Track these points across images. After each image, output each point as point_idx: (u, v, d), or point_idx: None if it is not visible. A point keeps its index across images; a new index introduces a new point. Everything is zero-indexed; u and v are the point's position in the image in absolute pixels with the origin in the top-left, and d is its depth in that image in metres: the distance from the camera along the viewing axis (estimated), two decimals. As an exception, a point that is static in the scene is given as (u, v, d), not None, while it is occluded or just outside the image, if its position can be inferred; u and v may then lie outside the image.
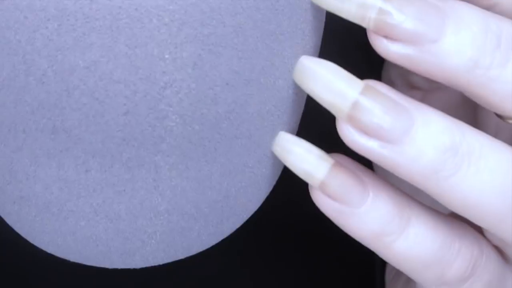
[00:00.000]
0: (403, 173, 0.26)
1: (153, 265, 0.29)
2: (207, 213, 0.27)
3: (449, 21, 0.26)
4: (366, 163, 0.29)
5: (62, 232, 0.27)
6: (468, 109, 0.33)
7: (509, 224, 0.27)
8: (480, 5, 0.27)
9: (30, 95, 0.25)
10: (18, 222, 0.28)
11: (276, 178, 0.30)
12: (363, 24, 0.26)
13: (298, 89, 0.28)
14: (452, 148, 0.26)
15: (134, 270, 0.29)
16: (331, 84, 0.26)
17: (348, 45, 0.38)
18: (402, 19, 0.25)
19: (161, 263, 0.29)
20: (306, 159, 0.27)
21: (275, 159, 0.28)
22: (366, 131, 0.26)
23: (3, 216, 0.29)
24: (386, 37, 0.26)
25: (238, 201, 0.28)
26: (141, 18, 0.24)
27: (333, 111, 0.26)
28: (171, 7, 0.24)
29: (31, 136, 0.25)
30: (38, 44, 0.24)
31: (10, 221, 0.28)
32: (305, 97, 0.29)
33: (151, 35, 0.24)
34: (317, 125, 0.32)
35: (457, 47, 0.26)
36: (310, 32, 0.27)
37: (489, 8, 0.27)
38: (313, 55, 0.28)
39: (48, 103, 0.25)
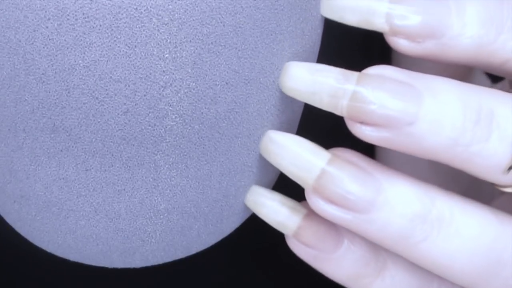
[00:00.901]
0: (373, 239, 0.26)
1: (153, 264, 0.29)
2: (206, 212, 0.27)
3: (424, 101, 0.25)
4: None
5: (62, 231, 0.27)
6: None
7: (481, 285, 0.27)
8: (492, 63, 0.27)
9: (30, 94, 0.25)
10: (18, 221, 0.28)
11: (276, 177, 0.30)
12: (337, 113, 0.26)
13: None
14: (420, 215, 0.26)
15: (134, 269, 0.29)
16: (297, 157, 0.26)
17: (347, 45, 0.38)
18: (375, 106, 0.25)
19: (161, 262, 0.29)
20: (279, 211, 0.27)
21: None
22: (333, 201, 0.26)
23: (3, 215, 0.29)
24: (361, 122, 0.25)
25: (237, 200, 0.28)
26: (141, 17, 0.24)
27: (300, 183, 0.26)
28: (170, 6, 0.24)
29: (31, 135, 0.25)
30: (38, 44, 0.24)
31: (10, 220, 0.28)
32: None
33: (150, 34, 0.24)
34: (317, 124, 0.32)
35: (435, 128, 0.25)
36: (310, 32, 0.27)
37: (501, 65, 0.27)
38: (312, 54, 0.28)
39: (48, 102, 0.25)
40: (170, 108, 0.25)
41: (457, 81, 0.26)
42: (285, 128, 0.28)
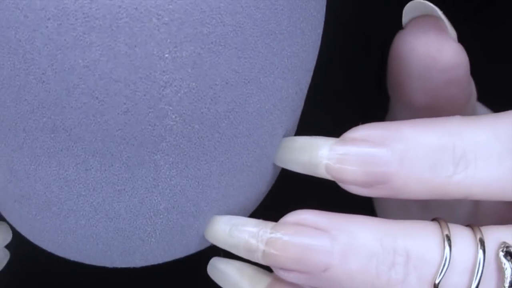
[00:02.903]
0: None
1: (152, 263, 0.29)
2: (206, 211, 0.27)
3: (340, 247, 0.26)
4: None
5: (62, 231, 0.27)
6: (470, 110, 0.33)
7: None
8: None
9: (30, 94, 0.25)
10: (19, 221, 0.28)
11: (275, 177, 0.30)
12: (255, 261, 0.27)
13: (297, 88, 0.28)
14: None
15: (134, 268, 0.29)
16: (238, 284, 0.28)
17: (347, 45, 0.38)
18: (287, 255, 0.26)
19: (160, 261, 0.29)
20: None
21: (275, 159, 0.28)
22: None
23: (3, 215, 0.29)
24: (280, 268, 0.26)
25: (236, 200, 0.28)
26: (141, 17, 0.24)
27: None
28: (170, 6, 0.24)
29: (31, 135, 0.25)
30: (38, 43, 0.24)
31: (10, 219, 0.28)
32: (304, 96, 0.29)
33: (151, 34, 0.24)
34: (317, 124, 0.32)
35: (349, 273, 0.26)
36: (310, 32, 0.27)
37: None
38: (312, 54, 0.28)
39: (48, 102, 0.25)
40: (170, 108, 0.25)
41: (379, 221, 0.26)
42: (285, 128, 0.28)
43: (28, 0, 0.24)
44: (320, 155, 0.26)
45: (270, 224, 0.27)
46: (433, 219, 0.27)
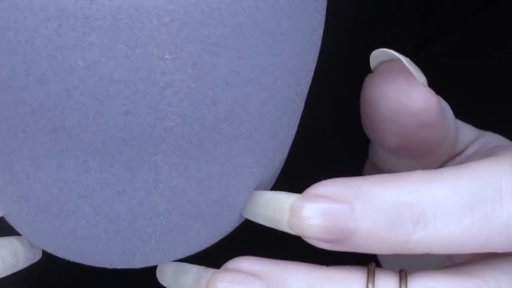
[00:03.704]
0: None
1: (152, 265, 0.29)
2: (206, 212, 0.27)
3: None
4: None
5: (62, 231, 0.27)
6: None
7: None
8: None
9: (30, 95, 0.25)
10: (18, 222, 0.28)
11: (275, 178, 0.30)
12: None
13: (298, 89, 0.28)
14: None
15: (134, 270, 0.29)
16: None
17: (348, 45, 0.38)
18: None
19: (160, 263, 0.29)
20: None
21: (274, 160, 0.28)
22: None
23: (3, 216, 0.29)
24: None
25: (237, 200, 0.28)
26: (141, 18, 0.24)
27: None
28: (171, 7, 0.24)
29: (31, 136, 0.25)
30: (38, 44, 0.24)
31: (10, 221, 0.28)
32: (305, 97, 0.29)
33: (151, 35, 0.24)
34: (317, 124, 0.32)
35: None
36: (310, 32, 0.27)
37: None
38: (313, 54, 0.28)
39: (48, 103, 0.25)
40: (170, 109, 0.25)
41: (310, 268, 0.27)
42: (285, 129, 0.28)
43: (28, 0, 0.24)
44: (283, 211, 0.27)
45: (211, 271, 0.28)
46: (367, 264, 0.28)
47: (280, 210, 0.27)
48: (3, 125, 0.25)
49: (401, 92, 0.29)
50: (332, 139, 0.30)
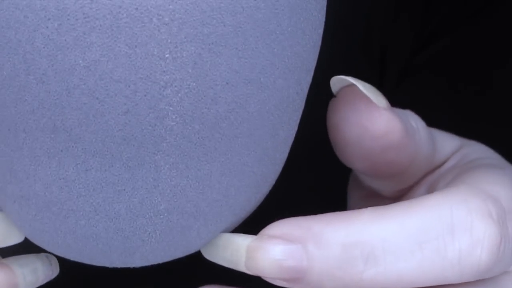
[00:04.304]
0: None
1: (153, 264, 0.29)
2: (206, 212, 0.27)
3: None
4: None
5: (62, 231, 0.27)
6: None
7: None
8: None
9: (30, 95, 0.25)
10: (18, 221, 0.28)
11: (276, 177, 0.30)
12: None
13: (298, 89, 0.28)
14: None
15: (134, 269, 0.29)
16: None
17: (348, 45, 0.38)
18: None
19: (160, 262, 0.29)
20: None
21: (275, 159, 0.28)
22: None
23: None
24: None
25: (237, 200, 0.28)
26: (141, 17, 0.24)
27: None
28: (171, 6, 0.24)
29: (31, 136, 0.25)
30: (39, 44, 0.24)
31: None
32: (305, 96, 0.29)
33: (151, 34, 0.24)
34: (317, 124, 0.32)
35: None
36: (310, 32, 0.27)
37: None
38: (313, 54, 0.28)
39: (48, 103, 0.25)
40: (171, 108, 0.25)
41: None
42: (286, 128, 0.28)
43: (28, 0, 0.24)
44: (240, 253, 0.28)
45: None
46: None
47: (237, 252, 0.28)
48: (3, 125, 0.25)
49: (363, 117, 0.29)
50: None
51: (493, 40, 0.43)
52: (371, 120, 0.29)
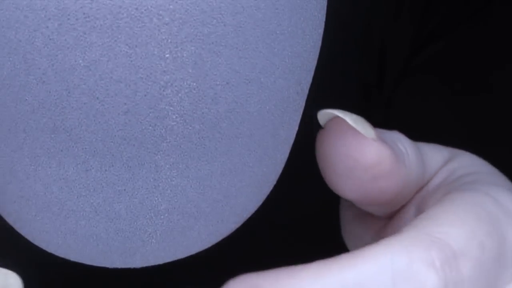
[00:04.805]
0: None
1: (153, 264, 0.29)
2: (207, 212, 0.27)
3: None
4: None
5: (62, 231, 0.27)
6: None
7: None
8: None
9: (30, 95, 0.25)
10: (18, 222, 0.28)
11: (277, 177, 0.30)
12: None
13: (298, 88, 0.28)
14: None
15: (135, 269, 0.29)
16: None
17: (348, 45, 0.38)
18: None
19: (161, 262, 0.29)
20: None
21: (276, 159, 0.28)
22: None
23: (3, 216, 0.29)
24: None
25: (238, 200, 0.28)
26: (142, 17, 0.24)
27: None
28: (171, 6, 0.24)
29: (32, 136, 0.25)
30: (39, 44, 0.24)
31: (10, 220, 0.28)
32: (305, 96, 0.29)
33: (151, 34, 0.24)
34: (318, 124, 0.32)
35: None
36: (311, 32, 0.27)
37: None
38: (313, 54, 0.28)
39: (49, 103, 0.25)
40: (171, 108, 0.25)
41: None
42: (286, 128, 0.28)
43: (28, 0, 0.24)
44: None
45: None
46: None
47: None
48: (3, 125, 0.25)
49: (352, 148, 0.29)
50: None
51: (493, 40, 0.43)
52: (360, 151, 0.29)
